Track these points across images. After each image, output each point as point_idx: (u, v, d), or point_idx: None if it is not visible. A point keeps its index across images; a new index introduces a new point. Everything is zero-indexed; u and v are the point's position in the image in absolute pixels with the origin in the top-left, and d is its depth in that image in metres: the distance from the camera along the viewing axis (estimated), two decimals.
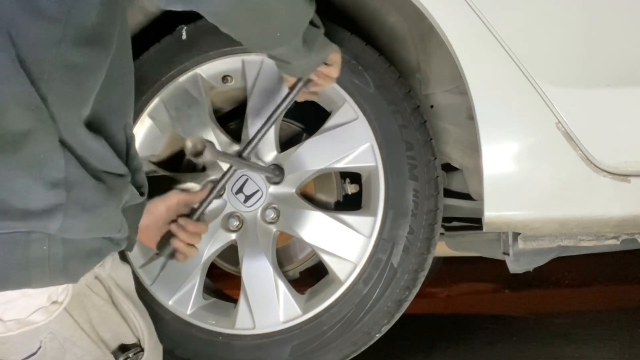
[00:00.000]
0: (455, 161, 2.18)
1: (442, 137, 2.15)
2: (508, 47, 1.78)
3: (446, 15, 1.81)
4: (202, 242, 2.00)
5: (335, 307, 1.94)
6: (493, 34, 1.78)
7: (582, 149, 1.77)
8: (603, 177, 1.77)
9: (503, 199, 1.81)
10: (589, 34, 1.81)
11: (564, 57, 1.80)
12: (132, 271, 1.97)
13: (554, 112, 1.77)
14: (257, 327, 1.98)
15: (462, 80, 1.81)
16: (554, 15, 1.82)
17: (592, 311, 3.56)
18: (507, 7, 1.82)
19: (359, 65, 1.97)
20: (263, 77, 2.02)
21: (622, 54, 1.81)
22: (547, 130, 1.78)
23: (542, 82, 1.77)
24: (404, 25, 2.14)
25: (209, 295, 2.11)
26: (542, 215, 1.80)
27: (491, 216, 1.80)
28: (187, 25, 2.05)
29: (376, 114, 1.96)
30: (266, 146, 2.02)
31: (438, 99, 2.16)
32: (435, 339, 2.91)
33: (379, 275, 1.92)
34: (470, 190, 2.13)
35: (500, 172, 1.80)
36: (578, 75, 1.80)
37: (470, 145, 2.02)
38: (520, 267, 2.02)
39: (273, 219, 2.02)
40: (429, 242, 1.95)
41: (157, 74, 2.05)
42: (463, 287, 4.40)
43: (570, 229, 1.82)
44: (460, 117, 2.07)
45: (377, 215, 1.94)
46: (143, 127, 2.07)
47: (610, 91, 1.78)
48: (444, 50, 1.83)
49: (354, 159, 1.98)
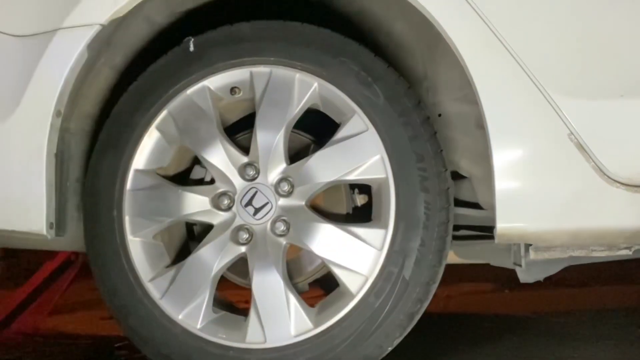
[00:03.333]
0: (463, 170, 2.17)
1: (450, 146, 2.14)
2: (519, 58, 1.78)
3: (455, 25, 1.81)
4: (212, 256, 2.01)
5: (347, 321, 1.93)
6: (504, 44, 1.78)
7: (594, 160, 1.76)
8: (616, 189, 1.77)
9: (515, 210, 1.80)
10: (600, 45, 1.81)
11: (576, 68, 1.81)
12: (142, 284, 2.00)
13: (566, 123, 1.77)
14: (268, 341, 1.97)
15: (470, 89, 1.81)
16: (565, 26, 1.82)
17: (592, 311, 3.57)
18: (517, 17, 1.82)
19: (369, 77, 1.96)
20: (271, 89, 2.00)
21: (634, 65, 1.81)
22: (560, 141, 1.77)
23: (554, 93, 1.77)
24: (411, 33, 2.13)
25: (218, 309, 2.08)
26: (554, 227, 1.80)
27: (503, 228, 1.80)
28: (195, 37, 2.04)
29: (386, 125, 1.95)
30: (275, 158, 2.00)
31: (446, 107, 2.15)
32: (435, 339, 2.91)
33: (390, 288, 1.91)
34: (479, 199, 2.12)
35: (512, 183, 1.80)
36: (590, 86, 1.80)
37: (479, 154, 2.01)
38: (531, 277, 2.03)
39: (283, 231, 2.00)
40: (441, 254, 1.94)
41: (164, 86, 2.04)
42: (463, 287, 4.40)
43: (583, 240, 1.82)
44: (469, 126, 2.06)
45: (388, 227, 1.93)
46: (151, 139, 2.05)
47: (623, 102, 1.78)
48: (452, 57, 1.83)
49: (364, 170, 1.97)
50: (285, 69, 1.99)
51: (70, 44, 1.94)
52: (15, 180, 1.96)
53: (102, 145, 2.07)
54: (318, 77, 1.98)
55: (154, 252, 2.08)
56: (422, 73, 2.20)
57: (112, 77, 2.17)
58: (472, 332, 3.22)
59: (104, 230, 2.04)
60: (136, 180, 2.05)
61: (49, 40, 1.95)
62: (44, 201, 1.95)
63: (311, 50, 1.98)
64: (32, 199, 1.95)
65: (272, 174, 2.01)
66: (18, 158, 1.95)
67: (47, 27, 1.96)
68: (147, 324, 2.01)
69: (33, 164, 1.94)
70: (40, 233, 1.96)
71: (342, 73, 1.97)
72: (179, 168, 2.21)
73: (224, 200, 2.02)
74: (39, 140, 1.94)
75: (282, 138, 2.00)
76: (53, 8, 1.97)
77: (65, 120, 2.00)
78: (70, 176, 2.10)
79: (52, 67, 1.95)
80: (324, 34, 2.00)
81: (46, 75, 1.95)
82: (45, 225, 1.95)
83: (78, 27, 1.94)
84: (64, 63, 1.94)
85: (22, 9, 2.01)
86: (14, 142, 1.96)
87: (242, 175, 2.02)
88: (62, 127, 1.99)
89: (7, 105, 1.96)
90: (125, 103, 2.07)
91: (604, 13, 1.82)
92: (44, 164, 1.94)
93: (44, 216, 1.95)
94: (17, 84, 1.96)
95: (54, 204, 1.99)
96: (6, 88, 1.98)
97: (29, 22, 1.99)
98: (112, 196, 2.04)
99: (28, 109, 1.95)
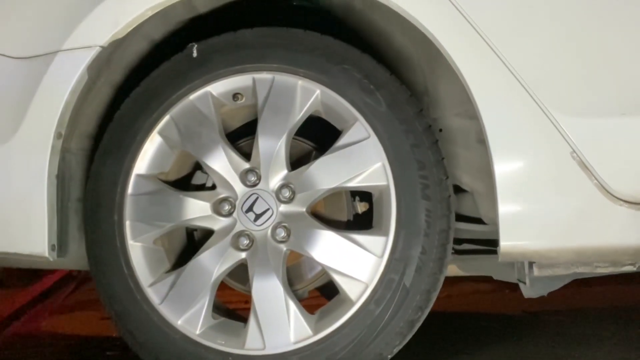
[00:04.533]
0: (465, 185, 2.16)
1: (452, 161, 2.13)
2: (520, 77, 1.78)
3: (453, 41, 1.81)
4: (212, 261, 2.00)
5: (347, 328, 1.93)
6: (503, 61, 1.78)
7: (597, 179, 1.76)
8: (619, 207, 1.76)
9: (519, 229, 1.80)
10: (601, 63, 1.81)
11: (577, 85, 1.80)
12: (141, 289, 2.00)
13: (568, 142, 1.77)
14: (267, 348, 1.97)
15: (471, 104, 1.80)
16: (565, 43, 1.81)
17: (592, 311, 3.56)
18: (515, 33, 1.82)
19: (371, 84, 1.96)
20: (274, 95, 2.00)
21: (636, 82, 1.80)
22: (562, 159, 1.77)
23: (555, 111, 1.77)
24: (411, 48, 2.12)
25: (218, 315, 2.09)
26: (558, 245, 1.80)
27: (507, 246, 1.79)
28: (198, 43, 2.04)
29: (388, 133, 1.95)
30: (277, 164, 2.00)
31: (447, 122, 2.15)
32: (435, 339, 2.91)
33: (391, 296, 1.91)
34: (481, 214, 2.12)
35: (516, 201, 1.80)
36: (592, 104, 1.80)
37: (480, 169, 2.00)
38: (535, 293, 2.02)
39: (283, 237, 2.00)
40: (442, 262, 1.94)
41: (167, 91, 2.03)
42: (463, 287, 4.40)
43: (587, 258, 1.82)
44: (470, 141, 2.05)
45: (389, 235, 1.93)
46: (153, 144, 2.05)
47: (625, 120, 1.78)
48: (452, 72, 1.82)
49: (366, 178, 1.97)
50: (287, 76, 1.99)
51: (70, 66, 1.94)
52: (16, 202, 1.95)
53: (104, 150, 2.07)
54: (320, 84, 1.98)
55: (154, 257, 2.08)
56: (422, 88, 2.19)
57: (111, 94, 2.17)
58: (472, 332, 3.22)
59: (105, 234, 2.04)
60: (137, 185, 2.05)
61: (49, 62, 1.94)
62: (45, 223, 1.94)
63: (314, 57, 1.98)
64: (34, 221, 1.94)
65: (273, 180, 2.01)
66: (19, 180, 1.95)
67: (46, 49, 1.95)
68: (146, 329, 2.01)
69: (34, 187, 1.93)
70: (43, 255, 1.95)
71: (344, 80, 1.97)
72: (180, 174, 2.21)
73: (224, 206, 2.02)
74: (40, 162, 1.93)
75: (283, 144, 1.99)
76: (52, 30, 1.96)
77: (65, 141, 1.99)
78: (71, 196, 2.10)
79: (53, 90, 1.94)
80: (327, 41, 2.00)
81: (46, 98, 1.94)
82: (47, 248, 1.94)
83: (78, 49, 1.93)
84: (64, 85, 1.94)
85: (22, 31, 2.00)
86: (15, 165, 1.95)
87: (243, 181, 2.02)
88: (63, 147, 1.98)
89: (8, 128, 1.95)
90: (127, 108, 2.07)
91: (605, 30, 1.81)
92: (45, 186, 1.93)
93: (46, 238, 1.94)
94: (18, 106, 1.95)
95: (56, 226, 1.98)
96: (7, 110, 1.97)
97: (28, 44, 1.98)
98: (113, 200, 2.04)
99: (29, 132, 1.94)
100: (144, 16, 1.95)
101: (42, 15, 1.99)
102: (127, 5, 1.94)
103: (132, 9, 1.94)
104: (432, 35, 1.80)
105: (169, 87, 2.04)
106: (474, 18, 1.79)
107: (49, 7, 1.99)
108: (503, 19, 1.81)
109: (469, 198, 2.19)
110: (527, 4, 1.82)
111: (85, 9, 1.94)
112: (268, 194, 2.01)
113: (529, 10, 1.82)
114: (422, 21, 1.82)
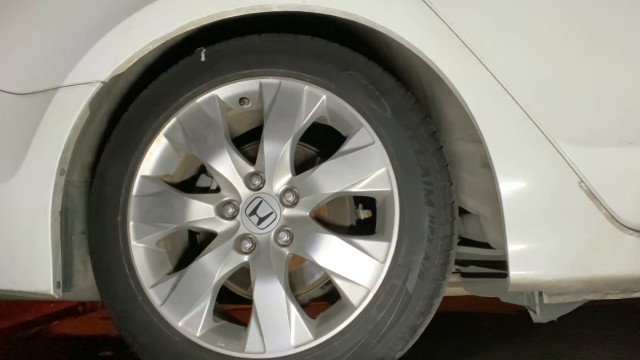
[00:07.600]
0: (471, 208, 2.16)
1: (456, 185, 2.12)
2: (526, 109, 1.77)
3: (453, 68, 1.81)
4: (214, 264, 2.00)
5: (348, 333, 1.92)
6: (512, 96, 1.78)
7: (606, 208, 1.75)
8: (629, 236, 1.75)
9: (528, 259, 1.78)
10: (607, 92, 1.80)
11: (583, 115, 1.79)
12: (143, 290, 2.00)
13: (576, 172, 1.76)
14: (267, 352, 1.96)
15: (474, 129, 1.80)
16: (570, 72, 1.81)
17: (592, 311, 3.57)
18: (520, 63, 1.82)
19: (376, 91, 1.97)
20: (280, 100, 2.02)
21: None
22: (570, 189, 1.76)
23: (562, 142, 1.76)
24: (412, 73, 2.12)
25: (219, 318, 2.09)
26: (568, 275, 1.78)
27: (517, 277, 1.78)
28: (206, 48, 2.05)
29: (393, 139, 1.95)
30: (281, 168, 2.00)
31: (451, 146, 2.15)
32: (435, 338, 2.91)
33: (393, 301, 1.91)
34: (488, 238, 2.11)
35: (525, 232, 1.79)
36: (599, 135, 1.79)
37: (486, 193, 2.00)
38: (545, 318, 2.02)
39: (286, 241, 2.00)
40: (445, 268, 1.93)
41: (174, 94, 2.05)
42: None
43: (598, 287, 1.81)
44: (475, 165, 2.06)
45: (392, 240, 1.93)
46: (159, 146, 2.06)
47: (632, 149, 1.77)
48: (455, 97, 1.82)
49: (370, 183, 1.97)
50: (294, 81, 2.01)
51: (71, 103, 1.93)
52: (20, 239, 1.92)
53: (110, 151, 2.08)
54: (326, 89, 2.00)
55: (157, 259, 2.08)
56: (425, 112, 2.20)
57: (109, 122, 2.16)
58: (472, 331, 3.23)
59: (108, 235, 2.04)
60: (142, 186, 2.05)
61: (50, 98, 1.93)
62: (50, 261, 1.92)
63: (320, 63, 2.00)
64: (38, 258, 1.91)
65: (277, 184, 2.02)
66: (22, 217, 1.92)
67: (47, 85, 1.94)
68: (147, 330, 2.01)
69: (38, 223, 1.91)
70: (48, 293, 1.92)
71: (350, 86, 1.98)
72: (185, 176, 2.22)
73: (228, 209, 2.03)
74: (43, 199, 1.91)
75: (288, 149, 2.00)
76: (53, 66, 1.95)
77: (68, 175, 1.99)
78: (75, 229, 2.08)
79: (54, 126, 1.93)
80: (333, 48, 2.02)
81: (48, 134, 1.93)
82: (52, 285, 1.92)
83: (79, 85, 1.92)
84: (66, 122, 1.93)
85: (23, 67, 1.99)
86: (18, 201, 1.93)
87: (247, 184, 2.03)
88: (66, 181, 1.97)
89: (10, 164, 1.94)
90: (135, 110, 2.08)
91: (611, 59, 1.81)
92: (49, 223, 1.91)
93: (51, 276, 1.92)
94: (20, 143, 1.93)
95: (60, 262, 1.96)
96: (9, 147, 1.95)
97: (29, 80, 1.97)
98: (118, 201, 2.04)
99: (31, 169, 1.93)
100: (145, 50, 1.93)
101: (43, 50, 1.99)
102: (128, 39, 1.93)
103: (133, 43, 1.93)
104: (433, 62, 1.81)
105: (177, 90, 2.05)
106: (475, 47, 1.79)
107: (50, 42, 1.99)
108: (506, 47, 1.82)
109: (475, 220, 2.19)
110: (531, 33, 1.83)
111: (85, 44, 1.94)
112: (272, 198, 2.02)
113: (532, 38, 1.82)
114: (423, 49, 1.82)
